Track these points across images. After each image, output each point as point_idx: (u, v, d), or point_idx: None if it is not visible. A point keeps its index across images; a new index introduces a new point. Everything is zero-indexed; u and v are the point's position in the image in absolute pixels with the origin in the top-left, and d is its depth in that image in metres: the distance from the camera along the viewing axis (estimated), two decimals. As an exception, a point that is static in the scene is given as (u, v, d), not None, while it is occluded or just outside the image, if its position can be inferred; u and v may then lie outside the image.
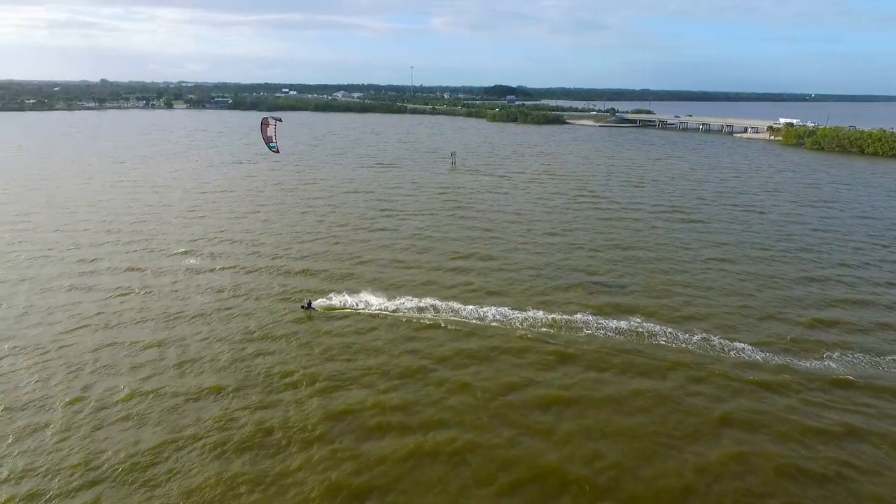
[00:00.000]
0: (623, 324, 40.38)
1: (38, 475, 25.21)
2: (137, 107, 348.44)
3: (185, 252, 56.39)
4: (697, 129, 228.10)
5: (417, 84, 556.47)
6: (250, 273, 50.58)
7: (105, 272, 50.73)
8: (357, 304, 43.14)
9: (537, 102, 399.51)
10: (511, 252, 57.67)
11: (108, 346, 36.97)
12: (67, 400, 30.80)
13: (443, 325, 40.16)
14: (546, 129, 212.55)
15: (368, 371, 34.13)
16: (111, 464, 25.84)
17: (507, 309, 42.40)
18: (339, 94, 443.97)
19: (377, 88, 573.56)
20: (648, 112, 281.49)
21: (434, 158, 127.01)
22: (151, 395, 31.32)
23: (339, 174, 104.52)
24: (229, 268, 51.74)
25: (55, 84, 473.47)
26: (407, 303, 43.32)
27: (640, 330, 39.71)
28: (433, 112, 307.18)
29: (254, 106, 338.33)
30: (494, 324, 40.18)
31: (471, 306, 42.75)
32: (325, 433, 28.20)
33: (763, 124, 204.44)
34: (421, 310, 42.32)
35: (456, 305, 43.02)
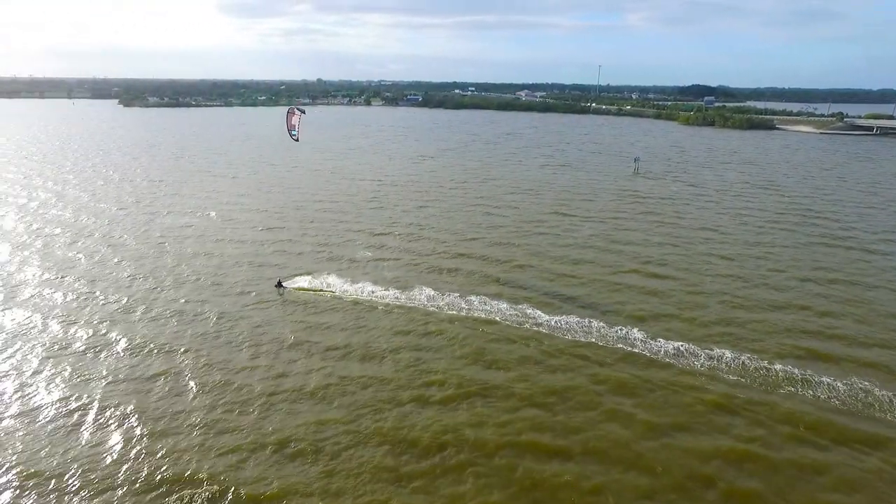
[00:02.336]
0: (841, 384, 32.05)
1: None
2: (342, 103, 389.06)
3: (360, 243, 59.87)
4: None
5: (604, 83, 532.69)
6: (404, 266, 51.44)
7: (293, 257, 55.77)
8: (361, 292, 44.09)
9: (741, 104, 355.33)
10: (696, 273, 50.31)
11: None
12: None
13: (589, 355, 35.98)
14: (749, 136, 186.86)
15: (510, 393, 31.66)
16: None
17: (687, 344, 36.54)
18: (523, 94, 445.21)
19: (561, 87, 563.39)
20: (891, 118, 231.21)
21: (616, 162, 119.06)
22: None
23: (514, 173, 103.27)
24: (392, 259, 53.38)
25: (282, 83, 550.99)
26: (561, 321, 39.82)
27: (864, 394, 31.07)
28: (619, 113, 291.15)
29: (440, 104, 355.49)
30: (668, 360, 34.76)
31: (636, 332, 37.78)
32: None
33: None
34: (570, 329, 38.48)
35: (612, 330, 38.17)
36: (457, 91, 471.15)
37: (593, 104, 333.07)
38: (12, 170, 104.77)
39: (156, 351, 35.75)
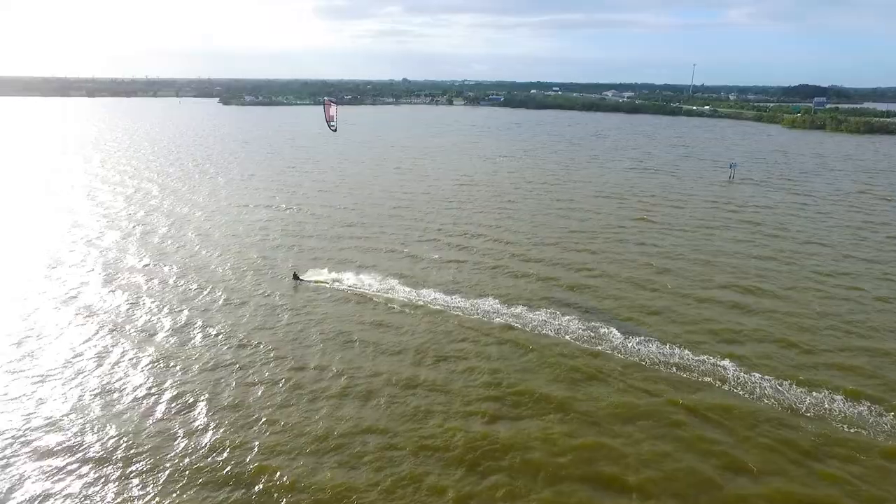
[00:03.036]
0: None
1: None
2: (424, 103, 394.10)
3: (435, 240, 59.23)
4: None
5: (698, 83, 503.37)
6: (473, 270, 49.80)
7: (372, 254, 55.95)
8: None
9: (857, 106, 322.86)
10: (801, 292, 44.96)
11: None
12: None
13: (654, 381, 32.55)
14: (866, 141, 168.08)
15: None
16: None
17: (787, 380, 32.30)
18: (609, 94, 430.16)
19: (650, 87, 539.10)
20: None
21: (709, 167, 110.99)
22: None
23: (598, 176, 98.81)
24: (461, 261, 51.99)
25: (368, 83, 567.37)
26: (638, 343, 36.53)
27: None
28: (713, 115, 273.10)
29: (522, 104, 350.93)
30: (767, 401, 30.68)
31: (726, 362, 33.67)
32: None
33: None
34: (649, 355, 35.06)
35: (698, 359, 34.03)
36: (539, 91, 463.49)
37: (685, 105, 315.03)
38: (124, 162, 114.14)
39: (232, 341, 36.63)
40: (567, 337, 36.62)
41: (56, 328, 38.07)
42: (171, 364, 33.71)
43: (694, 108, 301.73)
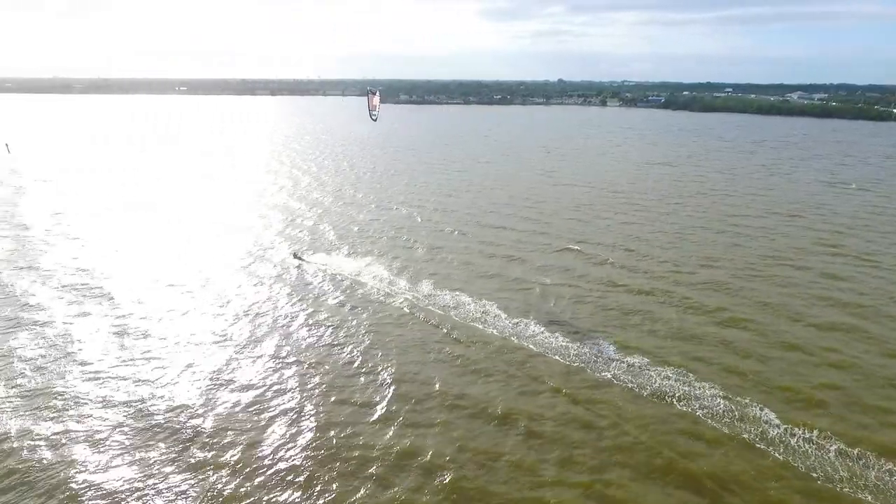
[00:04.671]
0: None
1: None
2: (577, 104, 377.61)
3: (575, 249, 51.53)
4: None
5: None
6: (583, 299, 40.83)
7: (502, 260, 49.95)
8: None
9: None
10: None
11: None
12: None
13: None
14: None
15: None
16: None
17: None
18: (794, 95, 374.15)
19: (849, 88, 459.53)
20: None
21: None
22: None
23: (774, 190, 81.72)
24: (572, 285, 43.35)
25: (522, 83, 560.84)
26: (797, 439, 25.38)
27: None
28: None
29: (685, 106, 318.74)
30: None
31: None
32: None
33: None
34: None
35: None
36: (708, 92, 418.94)
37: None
38: (283, 158, 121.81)
39: (355, 341, 33.11)
40: (698, 412, 27.14)
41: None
42: (294, 356, 30.94)
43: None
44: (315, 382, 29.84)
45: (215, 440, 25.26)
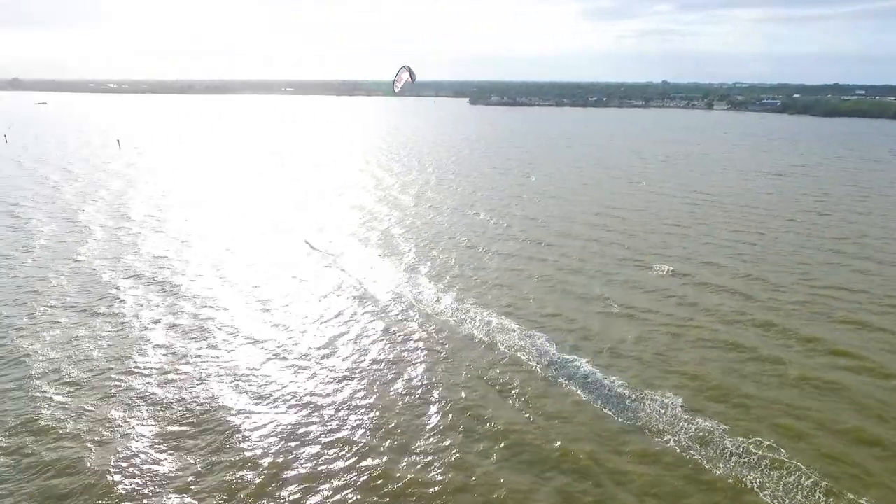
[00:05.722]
0: None
1: None
2: (679, 106, 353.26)
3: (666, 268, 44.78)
4: None
5: None
6: (658, 338, 33.56)
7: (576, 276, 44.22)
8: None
9: None
10: None
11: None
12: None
13: None
14: None
15: None
16: None
17: None
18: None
19: None
20: None
21: None
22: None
23: (910, 208, 68.25)
24: (650, 313, 36.19)
25: (622, 85, 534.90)
26: None
27: None
28: None
29: (806, 109, 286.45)
30: None
31: None
32: None
33: None
34: None
35: None
36: (834, 94, 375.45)
37: None
38: (395, 157, 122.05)
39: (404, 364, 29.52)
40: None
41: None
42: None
43: None
44: (368, 402, 26.04)
45: (255, 441, 22.21)
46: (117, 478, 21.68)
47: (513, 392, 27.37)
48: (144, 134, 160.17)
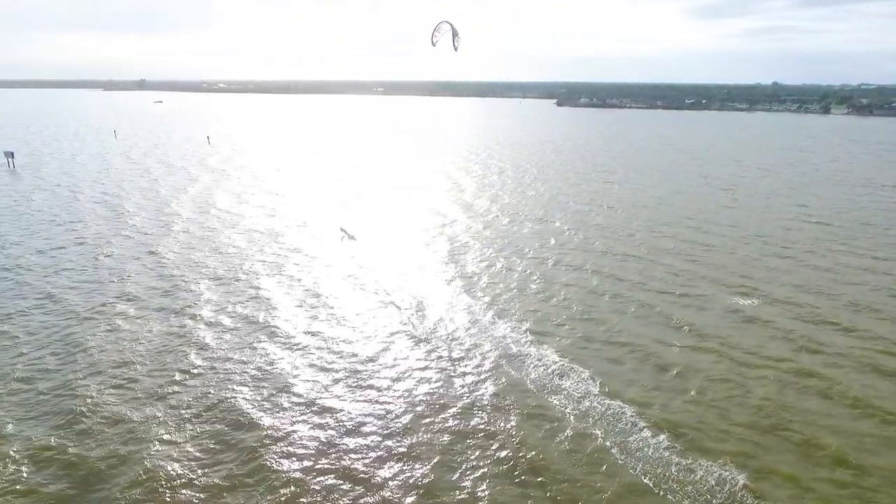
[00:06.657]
0: None
1: None
2: (789, 110, 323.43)
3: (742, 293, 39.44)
4: None
5: None
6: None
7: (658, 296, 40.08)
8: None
9: None
10: None
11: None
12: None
13: None
14: None
15: None
16: None
17: None
18: None
19: None
20: None
21: None
22: None
23: None
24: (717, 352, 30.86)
25: (724, 87, 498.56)
26: None
27: None
28: None
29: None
30: None
31: None
32: None
33: None
34: None
35: None
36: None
37: None
38: (473, 159, 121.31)
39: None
40: None
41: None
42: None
43: None
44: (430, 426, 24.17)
45: (293, 451, 21.04)
46: (149, 477, 21.13)
47: (568, 450, 24.05)
48: (238, 131, 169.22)
